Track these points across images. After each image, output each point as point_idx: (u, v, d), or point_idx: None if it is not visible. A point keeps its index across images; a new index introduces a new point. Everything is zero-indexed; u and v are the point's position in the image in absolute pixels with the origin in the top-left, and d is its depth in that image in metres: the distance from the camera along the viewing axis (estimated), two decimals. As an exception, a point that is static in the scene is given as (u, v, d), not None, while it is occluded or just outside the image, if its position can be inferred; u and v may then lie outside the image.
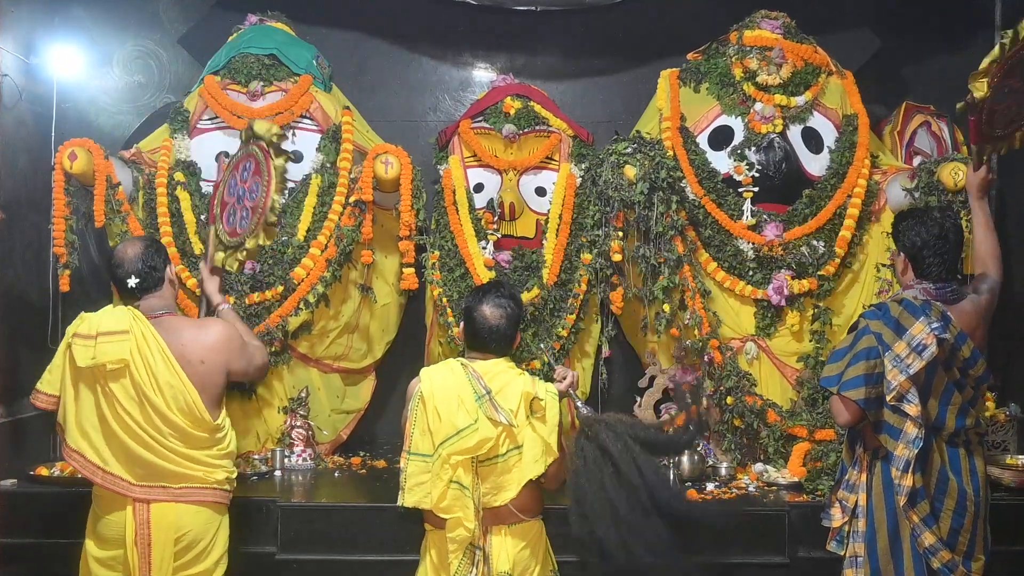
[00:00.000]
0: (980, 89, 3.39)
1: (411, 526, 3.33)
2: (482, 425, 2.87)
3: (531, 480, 2.96)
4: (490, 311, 3.05)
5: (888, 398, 3.01)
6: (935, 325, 2.99)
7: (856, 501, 3.17)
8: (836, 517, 3.23)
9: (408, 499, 2.94)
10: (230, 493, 3.31)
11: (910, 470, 3.00)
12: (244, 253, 3.98)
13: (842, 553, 3.20)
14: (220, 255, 4.02)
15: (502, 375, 2.98)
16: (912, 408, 2.99)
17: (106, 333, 3.09)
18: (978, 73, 3.44)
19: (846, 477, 3.21)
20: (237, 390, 4.62)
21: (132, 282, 3.22)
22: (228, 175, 4.19)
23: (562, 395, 3.13)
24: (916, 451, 2.99)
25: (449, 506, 2.87)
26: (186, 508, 3.16)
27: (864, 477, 3.15)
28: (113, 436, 3.10)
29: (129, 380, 3.09)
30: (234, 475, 3.31)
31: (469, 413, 2.88)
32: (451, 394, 2.91)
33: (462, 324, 3.16)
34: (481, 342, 3.06)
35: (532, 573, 3.00)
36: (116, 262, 3.28)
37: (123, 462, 3.10)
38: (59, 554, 3.54)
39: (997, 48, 3.39)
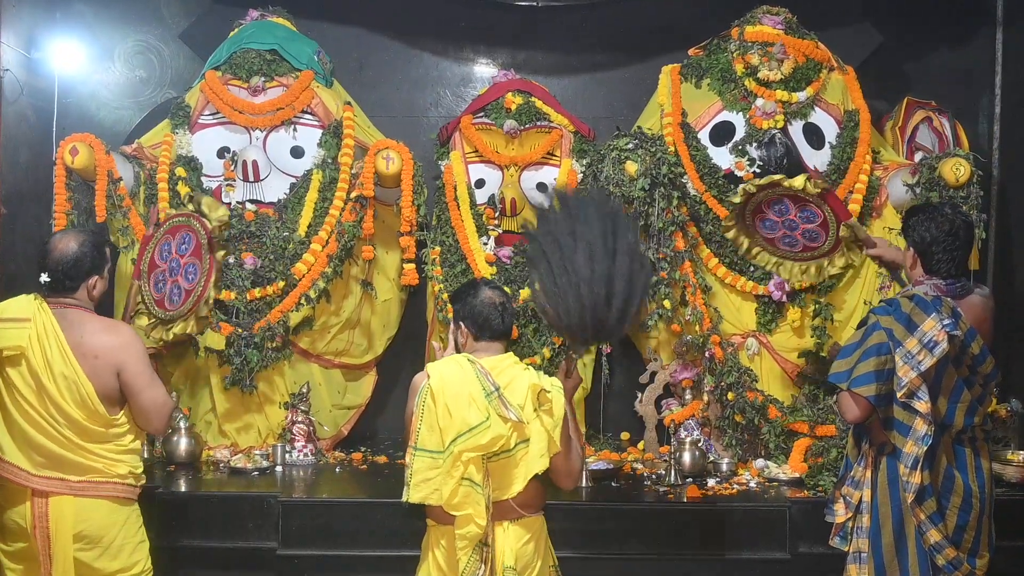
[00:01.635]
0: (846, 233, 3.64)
1: (412, 521, 3.33)
2: (494, 422, 2.86)
3: (536, 475, 2.95)
4: (490, 292, 3.08)
5: (898, 394, 2.99)
6: (947, 321, 2.98)
7: (861, 497, 3.16)
8: (840, 513, 3.22)
9: (414, 495, 2.92)
10: (136, 488, 3.24)
11: (919, 467, 2.99)
12: (171, 336, 3.98)
13: (846, 549, 3.20)
14: (144, 320, 4.01)
15: (508, 370, 2.98)
16: (922, 405, 2.98)
17: (8, 319, 3.08)
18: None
19: (851, 473, 3.20)
20: (237, 385, 4.63)
21: (43, 278, 3.17)
22: (162, 235, 4.14)
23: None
24: (925, 448, 2.98)
25: (460, 503, 2.86)
26: (85, 502, 3.11)
27: (870, 473, 3.14)
28: (13, 423, 3.07)
29: (26, 368, 3.06)
30: (139, 470, 3.23)
31: (481, 410, 2.86)
32: (461, 390, 2.90)
33: (462, 324, 3.11)
34: (494, 325, 3.02)
35: (534, 568, 2.99)
36: (44, 250, 3.20)
37: (23, 451, 3.07)
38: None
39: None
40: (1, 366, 3.08)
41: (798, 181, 4.10)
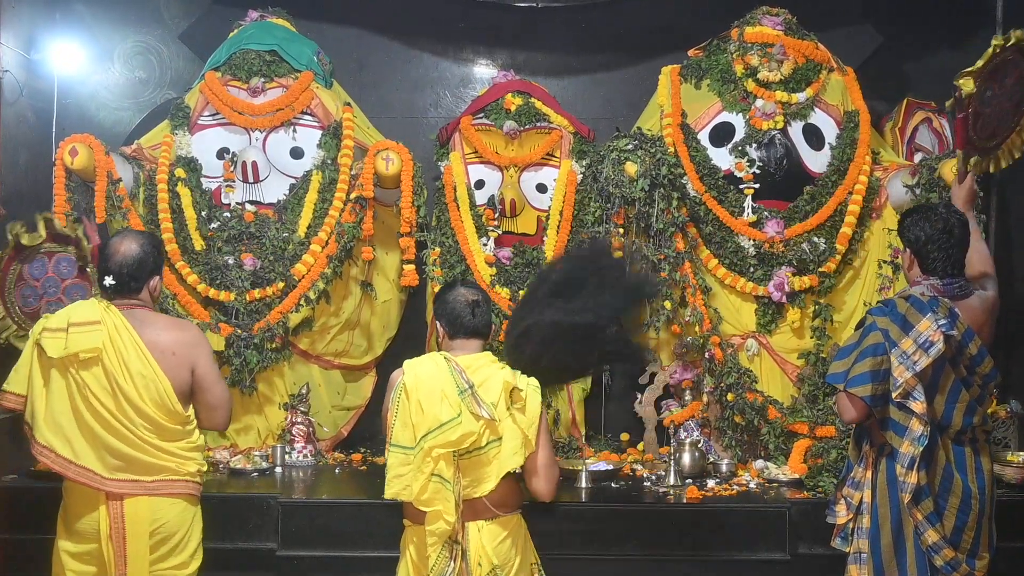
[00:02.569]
0: (967, 85, 3.40)
1: (396, 520, 3.33)
2: (465, 419, 2.88)
3: (510, 473, 2.97)
4: (464, 290, 3.12)
5: (894, 395, 3.00)
6: (942, 322, 2.99)
7: (861, 498, 3.16)
8: (841, 514, 3.23)
9: (388, 491, 2.97)
10: (201, 486, 3.28)
11: (915, 467, 3.00)
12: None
13: (847, 550, 3.20)
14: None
15: (484, 368, 3.00)
16: (918, 405, 2.99)
17: (78, 324, 3.07)
18: (967, 70, 3.45)
19: (852, 474, 3.21)
20: (237, 386, 4.63)
21: (108, 281, 3.19)
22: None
23: None
24: (921, 448, 2.99)
25: (429, 499, 2.89)
26: (160, 501, 3.13)
27: (870, 474, 3.15)
28: (87, 427, 3.07)
29: (102, 370, 3.07)
30: (204, 468, 3.28)
31: (452, 407, 2.89)
32: (434, 387, 2.93)
33: (438, 323, 3.17)
34: (466, 323, 3.07)
35: (512, 565, 3.00)
36: (105, 254, 3.23)
37: (96, 454, 3.07)
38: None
39: (990, 49, 3.39)
40: (76, 371, 3.07)
41: None
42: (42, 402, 3.09)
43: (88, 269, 4.30)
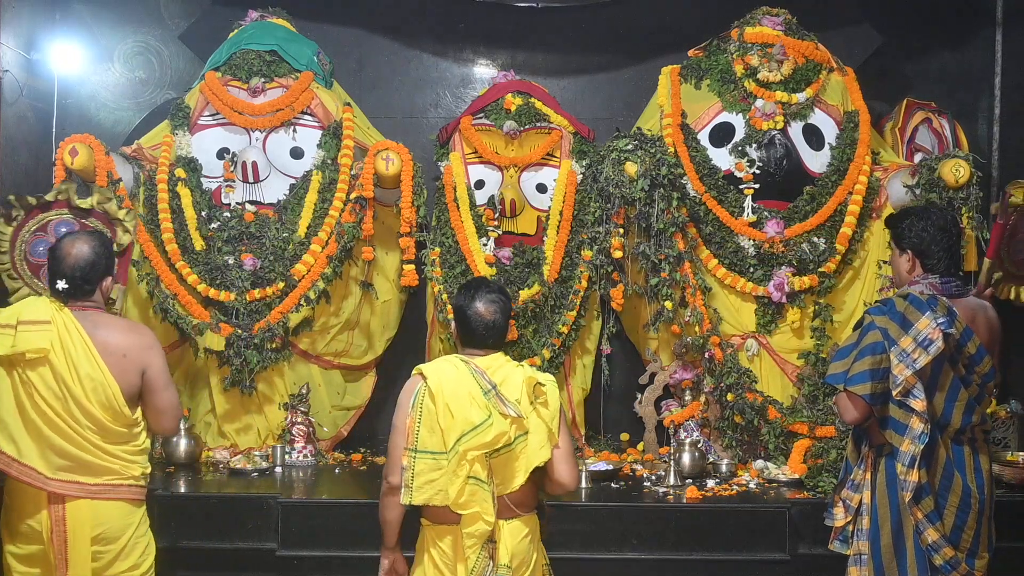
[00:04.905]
0: (1018, 196, 3.38)
1: (411, 521, 3.33)
2: (496, 419, 2.89)
3: (536, 469, 2.97)
4: (484, 307, 3.06)
5: (894, 393, 3.00)
6: (941, 320, 3.00)
7: (861, 500, 3.16)
8: (839, 517, 3.23)
9: (417, 497, 2.92)
10: (145, 489, 3.27)
11: (915, 465, 3.00)
12: None
13: (847, 552, 3.20)
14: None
15: (502, 368, 3.00)
16: (918, 403, 2.99)
17: (27, 322, 3.06)
18: (1020, 182, 3.42)
19: (851, 476, 3.21)
20: (237, 386, 4.63)
21: (60, 285, 3.16)
22: (31, 236, 4.37)
23: None
24: (922, 446, 2.99)
25: (467, 501, 2.88)
26: (102, 504, 3.12)
27: (869, 475, 3.15)
28: (32, 425, 3.06)
29: (49, 370, 3.06)
30: (148, 471, 3.26)
31: (482, 408, 2.89)
32: (460, 390, 2.92)
33: (454, 324, 3.17)
34: (479, 339, 3.07)
35: (530, 564, 3.01)
36: (56, 256, 3.19)
37: (40, 453, 3.06)
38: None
39: None
40: (23, 370, 3.06)
41: None
42: None
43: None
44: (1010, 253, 3.39)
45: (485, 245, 4.83)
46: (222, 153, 4.84)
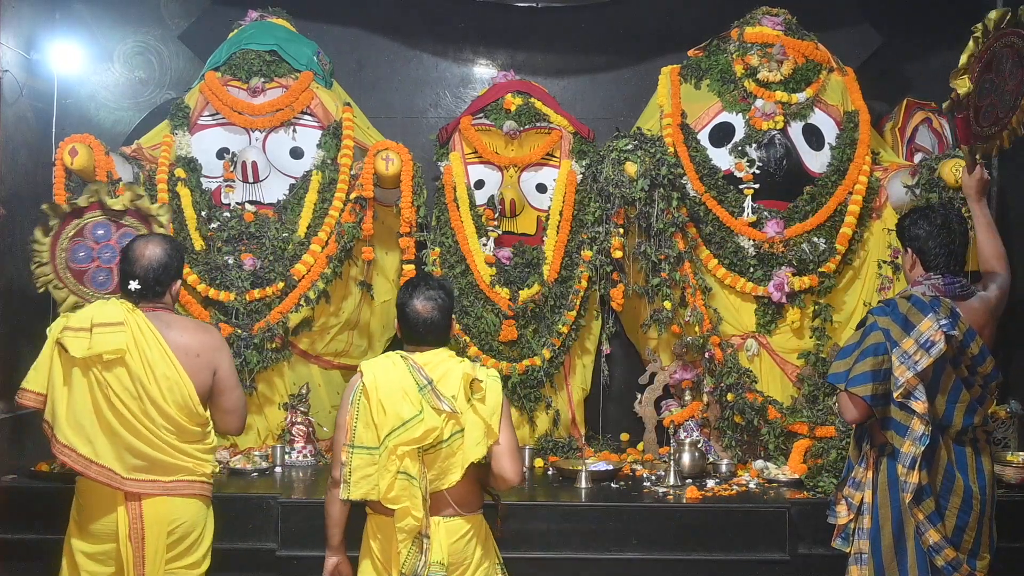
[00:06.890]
0: (963, 85, 3.41)
1: (359, 519, 3.34)
2: (427, 415, 2.91)
3: (473, 471, 2.98)
4: (421, 305, 3.07)
5: (895, 394, 3.00)
6: (944, 322, 2.99)
7: (862, 499, 3.16)
8: (842, 515, 3.22)
9: (354, 492, 2.97)
10: (212, 487, 3.32)
11: (916, 467, 3.00)
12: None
13: (848, 550, 3.20)
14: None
15: (442, 364, 3.02)
16: (919, 405, 2.99)
17: (101, 324, 3.07)
18: (958, 70, 3.45)
19: (852, 475, 3.21)
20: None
21: (133, 286, 3.19)
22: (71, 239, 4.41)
23: None
24: (922, 448, 2.99)
25: (397, 496, 2.91)
26: (177, 501, 3.16)
27: (871, 474, 3.15)
28: (108, 427, 3.08)
29: (125, 371, 3.08)
30: (217, 470, 3.31)
31: (414, 404, 2.92)
32: (394, 386, 2.95)
33: (396, 321, 3.18)
34: (418, 336, 3.08)
35: (469, 564, 3.01)
36: (129, 257, 3.23)
37: (116, 454, 3.08)
38: (59, 549, 3.55)
39: (971, 42, 3.41)
40: (99, 371, 3.08)
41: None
42: (63, 401, 3.10)
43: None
44: (981, 124, 3.42)
45: (485, 245, 4.83)
46: (222, 153, 4.84)
